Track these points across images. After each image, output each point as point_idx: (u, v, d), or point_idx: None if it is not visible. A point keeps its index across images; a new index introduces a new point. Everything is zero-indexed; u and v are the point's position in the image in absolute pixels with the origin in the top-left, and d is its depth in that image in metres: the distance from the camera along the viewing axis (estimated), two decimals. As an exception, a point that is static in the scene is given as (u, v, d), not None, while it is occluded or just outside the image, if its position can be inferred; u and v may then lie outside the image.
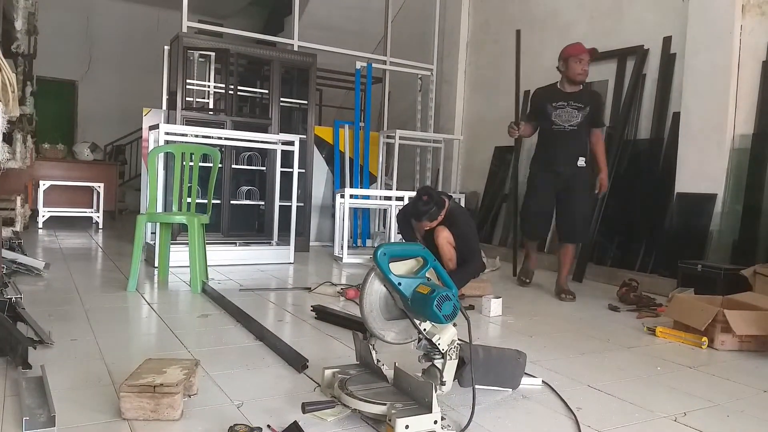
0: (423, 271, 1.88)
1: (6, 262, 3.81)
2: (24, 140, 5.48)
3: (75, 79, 11.59)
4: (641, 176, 5.14)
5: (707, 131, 4.59)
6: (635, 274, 4.63)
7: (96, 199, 7.72)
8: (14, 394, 1.88)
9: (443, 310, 1.74)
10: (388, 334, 1.90)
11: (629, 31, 5.54)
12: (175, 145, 4.42)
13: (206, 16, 10.55)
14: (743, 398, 2.22)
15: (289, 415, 1.77)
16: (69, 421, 1.68)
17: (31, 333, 2.46)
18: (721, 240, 4.41)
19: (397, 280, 1.82)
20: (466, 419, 1.76)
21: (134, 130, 10.21)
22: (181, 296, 3.72)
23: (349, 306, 3.50)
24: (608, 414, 1.98)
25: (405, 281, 1.83)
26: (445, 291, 1.76)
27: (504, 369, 2.12)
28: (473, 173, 7.40)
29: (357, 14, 8.79)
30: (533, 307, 3.97)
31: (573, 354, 2.72)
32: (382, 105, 7.46)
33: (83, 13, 11.39)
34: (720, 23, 4.54)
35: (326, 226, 6.82)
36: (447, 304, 1.74)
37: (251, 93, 7.38)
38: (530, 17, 6.70)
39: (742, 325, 2.85)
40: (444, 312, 1.74)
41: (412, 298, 1.81)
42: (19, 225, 6.13)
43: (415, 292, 1.81)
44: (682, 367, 2.61)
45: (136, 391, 1.71)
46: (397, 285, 1.82)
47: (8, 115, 3.21)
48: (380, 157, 6.95)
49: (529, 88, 6.65)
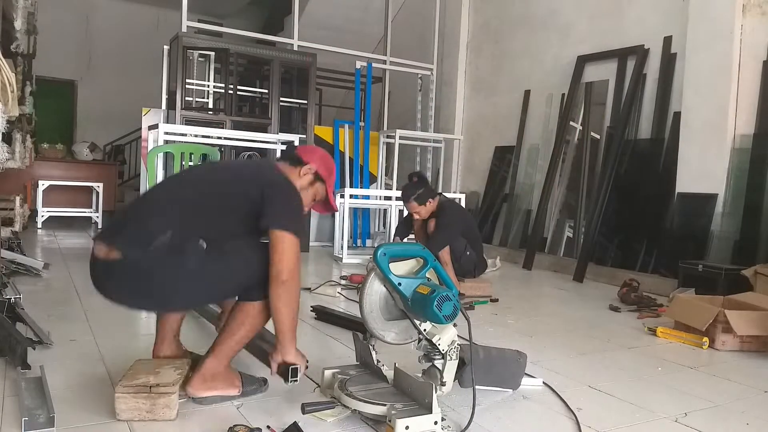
0: (423, 272, 1.87)
1: (5, 262, 3.80)
2: (23, 140, 5.46)
3: (74, 79, 11.57)
4: (642, 176, 5.13)
5: (708, 131, 4.58)
6: (636, 275, 4.63)
7: (95, 199, 7.71)
8: (13, 394, 1.87)
9: (443, 311, 1.73)
10: (388, 334, 1.90)
11: (629, 31, 5.54)
12: (175, 145, 4.42)
13: (206, 16, 10.54)
14: (744, 398, 2.21)
15: (289, 416, 1.77)
16: (68, 421, 1.68)
17: (30, 333, 2.45)
18: (721, 240, 4.41)
19: (397, 281, 1.82)
20: (467, 420, 1.76)
21: (134, 130, 10.18)
22: (180, 296, 3.70)
23: (350, 306, 3.49)
24: (608, 414, 1.98)
25: (405, 281, 1.83)
26: (445, 291, 1.75)
27: (504, 369, 2.12)
28: (473, 173, 7.40)
29: (357, 14, 8.79)
30: (533, 307, 3.96)
31: (573, 354, 2.72)
32: (382, 105, 7.46)
33: (83, 13, 11.37)
34: (720, 23, 4.54)
35: (326, 226, 6.81)
36: (447, 305, 1.74)
37: (251, 93, 7.39)
38: (530, 17, 6.69)
39: (742, 325, 2.85)
40: (444, 312, 1.73)
41: (413, 299, 1.81)
42: (18, 225, 6.12)
43: (415, 293, 1.81)
44: (683, 367, 2.60)
45: (132, 391, 1.70)
46: (397, 285, 1.82)
47: (8, 115, 3.21)
48: (380, 157, 6.95)
49: (529, 88, 6.69)
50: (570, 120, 6.00)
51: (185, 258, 1.74)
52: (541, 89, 6.50)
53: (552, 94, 6.33)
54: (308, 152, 2.12)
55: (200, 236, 1.78)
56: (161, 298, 1.82)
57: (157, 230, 1.75)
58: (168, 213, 1.84)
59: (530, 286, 4.98)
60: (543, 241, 5.98)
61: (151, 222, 1.81)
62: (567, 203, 5.92)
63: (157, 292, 1.78)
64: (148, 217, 1.84)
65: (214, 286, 1.84)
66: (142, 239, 1.74)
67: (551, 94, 6.35)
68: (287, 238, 1.80)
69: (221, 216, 1.87)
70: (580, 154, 5.84)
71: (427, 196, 3.96)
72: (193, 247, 1.76)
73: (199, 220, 1.83)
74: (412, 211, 4.06)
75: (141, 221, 1.84)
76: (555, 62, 6.35)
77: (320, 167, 2.07)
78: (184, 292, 1.80)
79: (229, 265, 1.81)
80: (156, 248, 1.73)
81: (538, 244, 5.93)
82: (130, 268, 1.74)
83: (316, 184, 2.08)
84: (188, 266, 1.75)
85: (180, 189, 1.97)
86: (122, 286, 1.79)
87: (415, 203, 3.96)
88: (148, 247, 1.72)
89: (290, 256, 1.79)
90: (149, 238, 1.74)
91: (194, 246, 1.76)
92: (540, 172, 6.25)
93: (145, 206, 1.97)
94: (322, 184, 2.10)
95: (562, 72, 6.20)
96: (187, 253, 1.74)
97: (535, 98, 6.59)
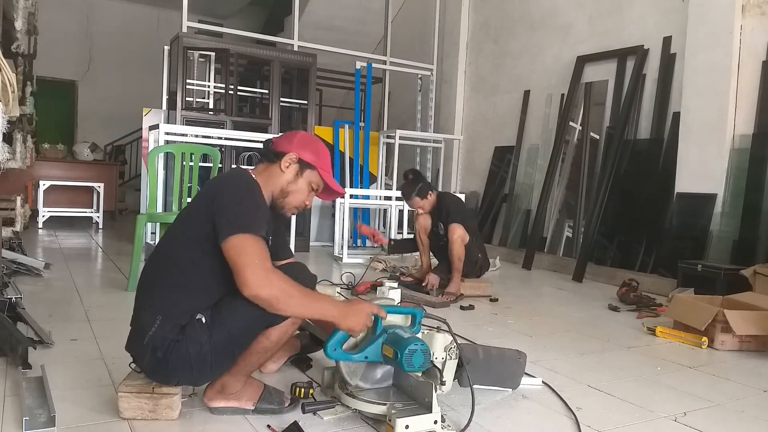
0: (378, 328, 1.78)
1: (6, 262, 3.81)
2: (24, 140, 5.47)
3: (75, 79, 11.58)
4: (641, 176, 5.14)
5: (707, 131, 4.59)
6: (635, 274, 4.63)
7: (96, 199, 7.71)
8: (14, 394, 1.88)
9: (415, 365, 1.70)
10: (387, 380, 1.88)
11: (629, 31, 5.54)
12: (175, 145, 4.42)
13: (206, 16, 10.56)
14: (743, 398, 2.22)
15: (289, 415, 1.77)
16: (69, 421, 1.69)
17: (31, 333, 2.46)
18: (721, 240, 4.41)
19: (361, 357, 1.75)
20: (466, 419, 1.76)
21: (134, 130, 10.19)
22: (181, 296, 3.71)
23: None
24: (608, 414, 1.98)
25: (369, 351, 1.75)
26: (408, 345, 1.69)
27: (504, 369, 2.12)
28: (473, 173, 7.41)
29: (357, 14, 8.79)
30: (533, 307, 3.97)
31: (573, 354, 2.72)
32: (382, 105, 7.47)
33: (83, 13, 11.38)
34: (720, 23, 4.54)
35: (326, 226, 6.82)
36: (416, 357, 1.70)
37: (251, 93, 7.39)
38: (530, 17, 6.70)
39: (742, 325, 2.85)
40: (416, 365, 1.70)
41: (385, 361, 1.78)
42: (19, 225, 6.12)
43: (384, 356, 1.76)
44: (682, 367, 2.60)
45: (135, 391, 1.71)
46: (365, 359, 1.76)
47: (8, 115, 3.22)
48: (380, 157, 6.95)
49: (529, 88, 6.69)
50: (569, 120, 6.01)
51: (189, 344, 1.61)
52: (540, 89, 6.50)
53: (551, 94, 6.34)
54: (285, 141, 1.84)
55: (190, 310, 1.63)
56: (191, 380, 1.74)
57: (148, 324, 1.63)
58: (150, 301, 1.67)
59: (530, 285, 4.98)
60: (542, 241, 5.98)
61: (141, 317, 1.67)
62: (566, 203, 5.92)
63: (186, 378, 1.69)
64: (137, 312, 1.70)
65: (234, 351, 1.68)
66: (139, 341, 1.64)
67: (551, 94, 6.35)
68: (242, 242, 1.55)
69: (195, 276, 1.65)
70: (580, 154, 5.85)
71: (427, 189, 4.07)
72: (192, 328, 1.62)
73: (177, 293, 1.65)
74: (415, 207, 4.11)
75: (135, 321, 1.70)
76: (555, 62, 6.36)
77: (302, 152, 1.82)
78: (205, 372, 1.68)
79: (236, 328, 1.64)
80: (154, 346, 1.61)
81: (538, 244, 5.93)
82: (154, 370, 1.67)
83: (305, 173, 1.83)
84: (197, 351, 1.61)
85: (149, 266, 1.77)
86: (157, 378, 1.71)
87: (417, 198, 4.05)
88: (151, 349, 1.62)
89: (255, 260, 1.53)
90: (142, 335, 1.63)
91: (193, 326, 1.62)
92: (539, 172, 6.25)
93: (135, 302, 1.75)
94: (312, 170, 1.84)
95: (561, 72, 6.21)
96: (189, 338, 1.62)
97: (535, 98, 6.59)
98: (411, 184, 4.07)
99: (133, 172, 10.88)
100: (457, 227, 3.89)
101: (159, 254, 1.77)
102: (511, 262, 6.07)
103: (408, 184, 4.10)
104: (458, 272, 3.90)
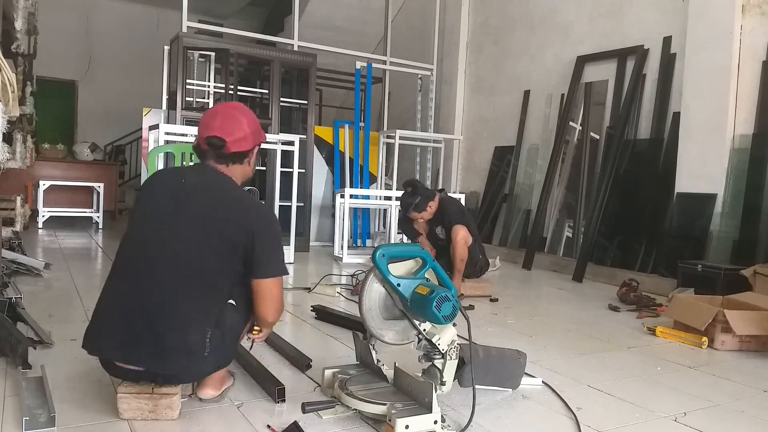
0: (422, 272, 1.88)
1: (6, 262, 3.80)
2: (24, 140, 5.48)
3: (75, 79, 11.57)
4: (641, 176, 5.14)
5: (707, 131, 4.59)
6: (635, 274, 4.63)
7: (96, 199, 7.71)
8: (14, 394, 1.88)
9: (442, 311, 1.73)
10: (387, 334, 1.90)
11: (629, 31, 5.54)
12: (175, 145, 4.42)
13: (206, 16, 10.55)
14: (743, 398, 2.22)
15: (289, 415, 1.78)
16: (69, 420, 1.69)
17: (31, 333, 2.46)
18: (721, 240, 4.41)
19: (396, 281, 1.82)
20: (466, 419, 1.76)
21: (134, 130, 10.19)
22: (181, 296, 3.71)
23: (350, 306, 3.50)
24: (608, 414, 1.98)
25: (404, 282, 1.83)
26: (444, 292, 1.76)
27: (504, 369, 2.12)
28: (473, 173, 7.41)
29: (357, 14, 8.79)
30: (533, 307, 3.97)
31: (573, 354, 2.72)
32: (382, 105, 7.46)
33: (83, 13, 11.37)
34: (720, 23, 4.54)
35: (326, 226, 6.81)
36: (446, 305, 1.74)
37: (251, 93, 7.38)
38: (530, 17, 6.70)
39: (742, 325, 2.85)
40: (443, 313, 1.74)
41: (411, 299, 1.81)
42: (19, 225, 6.13)
43: (414, 293, 1.81)
44: (682, 367, 2.60)
45: (135, 392, 1.71)
46: (396, 286, 1.82)
47: (8, 115, 3.22)
48: (380, 157, 6.95)
49: (529, 88, 6.69)
50: (569, 120, 6.01)
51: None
52: (540, 89, 6.50)
53: (551, 94, 6.34)
54: (239, 138, 1.83)
55: (220, 309, 1.78)
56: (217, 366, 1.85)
57: (197, 344, 1.71)
58: (189, 321, 1.72)
59: (530, 285, 4.98)
60: (542, 241, 5.98)
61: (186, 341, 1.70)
62: (566, 203, 5.92)
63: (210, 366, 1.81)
64: (173, 334, 1.69)
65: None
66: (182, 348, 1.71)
67: (551, 94, 6.35)
68: (276, 284, 1.82)
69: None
70: (580, 154, 5.85)
71: (426, 201, 4.00)
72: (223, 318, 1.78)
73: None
74: (415, 219, 4.10)
75: (174, 341, 1.71)
76: (555, 62, 6.36)
77: (257, 137, 1.90)
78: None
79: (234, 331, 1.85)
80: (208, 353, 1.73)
81: (538, 244, 5.94)
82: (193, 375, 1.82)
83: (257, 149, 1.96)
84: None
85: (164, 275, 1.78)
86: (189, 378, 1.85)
87: (415, 213, 4.03)
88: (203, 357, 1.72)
89: (278, 301, 1.85)
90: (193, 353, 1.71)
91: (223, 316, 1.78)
92: (539, 172, 6.25)
93: (159, 321, 1.74)
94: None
95: (561, 72, 6.21)
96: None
97: (535, 98, 6.59)
98: (408, 198, 4.04)
99: (133, 172, 10.88)
100: (460, 228, 3.90)
101: (176, 262, 1.73)
102: (511, 262, 6.07)
103: (406, 196, 4.08)
104: (459, 273, 3.91)
